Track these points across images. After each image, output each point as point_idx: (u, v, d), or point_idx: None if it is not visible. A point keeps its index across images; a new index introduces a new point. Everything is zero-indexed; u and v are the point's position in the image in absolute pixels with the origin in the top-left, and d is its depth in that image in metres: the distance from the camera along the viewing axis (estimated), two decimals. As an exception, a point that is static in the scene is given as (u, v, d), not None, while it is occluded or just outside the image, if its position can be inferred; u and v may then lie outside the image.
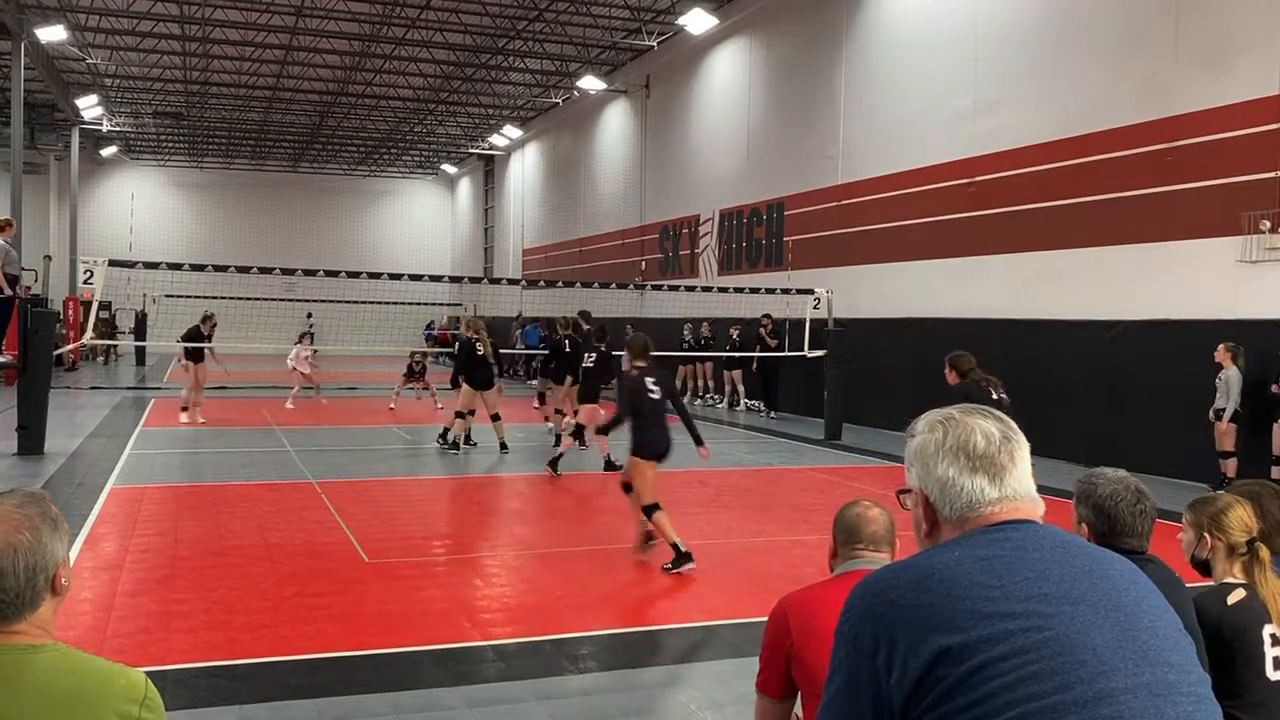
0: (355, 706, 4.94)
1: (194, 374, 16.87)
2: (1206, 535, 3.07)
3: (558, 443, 13.77)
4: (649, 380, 8.06)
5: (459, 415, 14.28)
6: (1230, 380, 11.45)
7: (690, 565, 7.55)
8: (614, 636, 6.22)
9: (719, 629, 6.34)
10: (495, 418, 14.25)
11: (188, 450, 13.91)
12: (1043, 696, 1.42)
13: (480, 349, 14.32)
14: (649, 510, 7.71)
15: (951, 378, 8.53)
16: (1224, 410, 11.49)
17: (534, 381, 18.38)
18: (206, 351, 16.98)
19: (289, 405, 19.32)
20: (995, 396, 8.08)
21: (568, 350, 15.16)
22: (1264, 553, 3.00)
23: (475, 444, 14.43)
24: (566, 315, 16.59)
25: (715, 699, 5.19)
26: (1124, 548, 2.78)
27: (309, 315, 38.22)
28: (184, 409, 16.93)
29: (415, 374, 20.41)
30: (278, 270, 16.46)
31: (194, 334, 16.94)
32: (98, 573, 7.28)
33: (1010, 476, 1.65)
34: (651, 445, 7.83)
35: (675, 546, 7.59)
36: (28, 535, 1.77)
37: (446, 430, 14.41)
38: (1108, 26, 14.05)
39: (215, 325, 17.21)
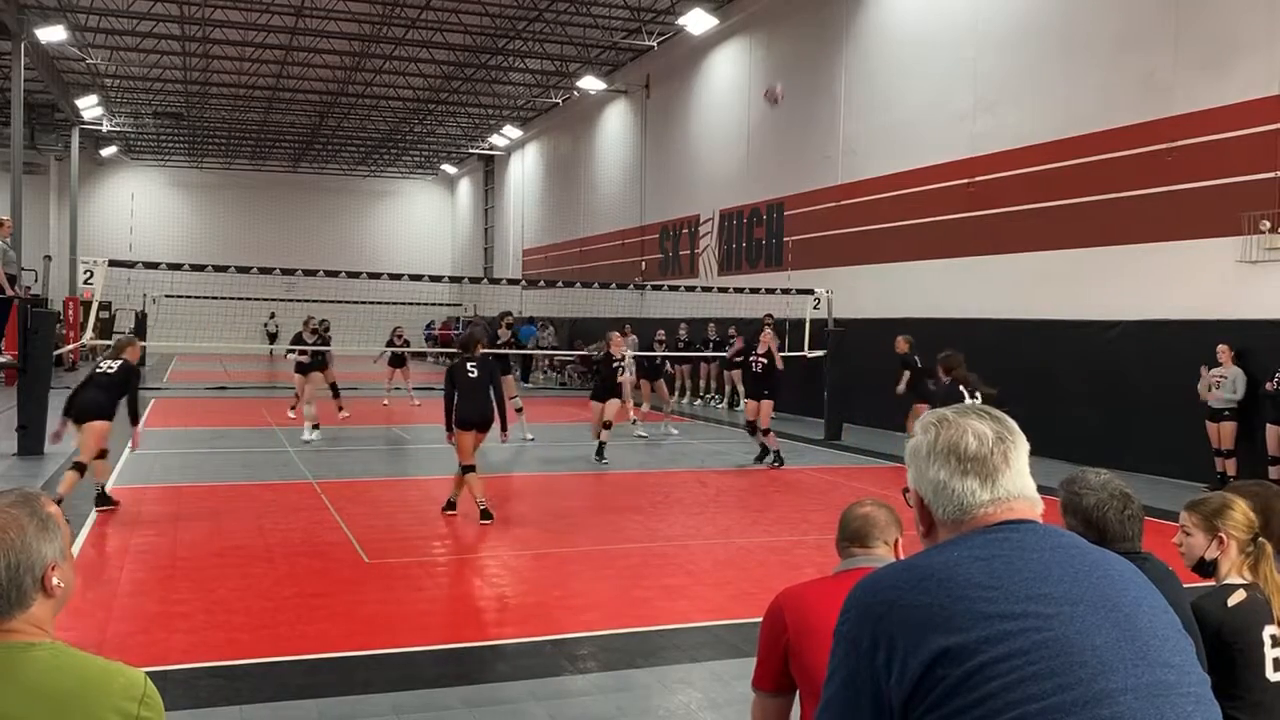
0: (355, 706, 4.94)
1: None
2: (1221, 535, 3.02)
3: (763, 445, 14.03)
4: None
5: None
6: (1231, 379, 11.46)
7: None
8: (614, 636, 6.21)
9: (719, 629, 6.33)
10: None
11: (188, 450, 13.91)
12: (1042, 697, 1.42)
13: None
14: None
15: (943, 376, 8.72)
16: (1222, 409, 11.50)
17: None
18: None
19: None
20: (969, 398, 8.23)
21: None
22: (1267, 547, 2.99)
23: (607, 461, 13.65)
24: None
25: (715, 699, 5.19)
26: (1117, 551, 2.76)
27: (272, 315, 38.30)
28: None
29: (400, 362, 20.68)
30: (278, 270, 16.44)
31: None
32: (98, 573, 7.29)
33: (1004, 478, 1.63)
34: None
35: None
36: (12, 534, 1.79)
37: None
38: (1108, 26, 14.04)
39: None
